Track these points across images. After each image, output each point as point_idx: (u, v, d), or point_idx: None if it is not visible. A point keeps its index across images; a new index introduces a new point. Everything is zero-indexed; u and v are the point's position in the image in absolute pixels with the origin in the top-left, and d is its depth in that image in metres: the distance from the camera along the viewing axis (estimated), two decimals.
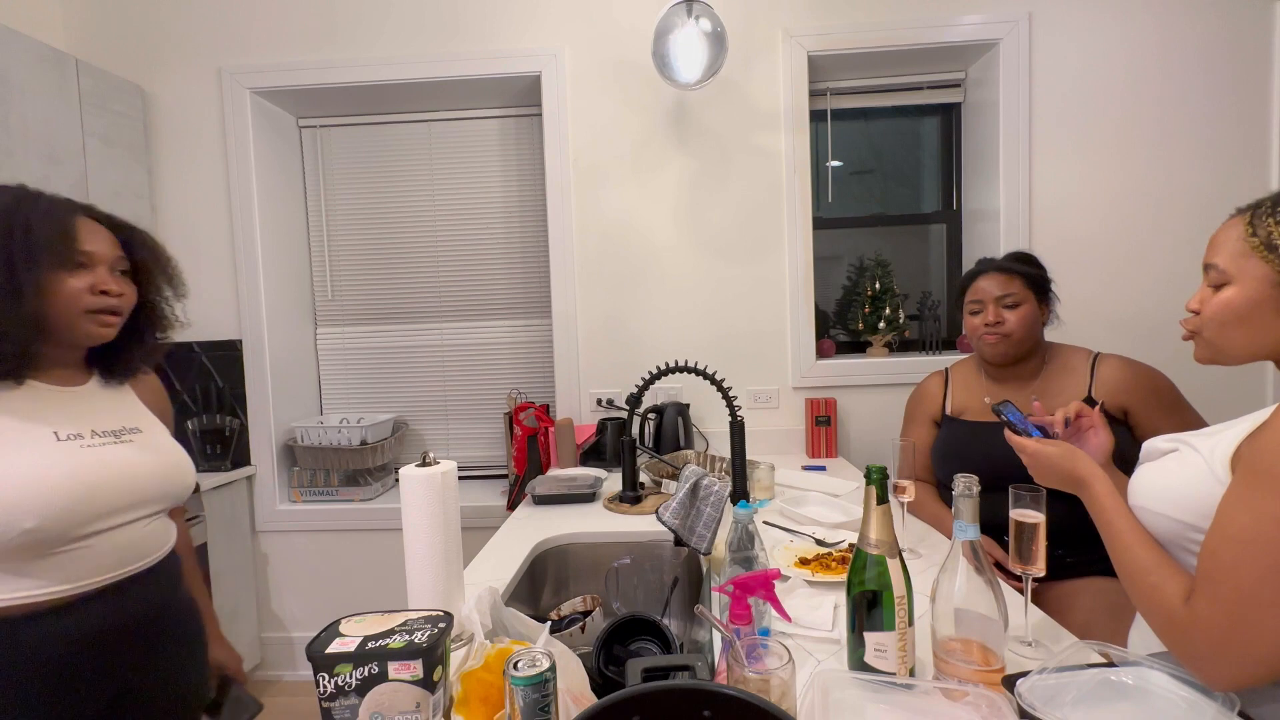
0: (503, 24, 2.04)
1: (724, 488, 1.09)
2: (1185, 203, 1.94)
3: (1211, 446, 0.71)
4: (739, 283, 2.06)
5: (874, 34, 1.96)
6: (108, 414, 0.90)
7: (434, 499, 0.84)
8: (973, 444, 1.34)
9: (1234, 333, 0.74)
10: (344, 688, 0.57)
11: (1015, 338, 1.30)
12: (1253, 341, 0.73)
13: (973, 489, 0.70)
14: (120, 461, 0.87)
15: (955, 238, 2.24)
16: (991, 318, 1.31)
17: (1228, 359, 0.76)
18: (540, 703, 0.54)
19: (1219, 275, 0.76)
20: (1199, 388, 1.25)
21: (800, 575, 1.01)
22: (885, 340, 2.16)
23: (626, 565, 1.11)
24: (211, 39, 2.07)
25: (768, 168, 2.03)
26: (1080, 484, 0.84)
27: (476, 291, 2.31)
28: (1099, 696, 0.64)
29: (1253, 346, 0.73)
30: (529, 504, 1.54)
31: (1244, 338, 0.73)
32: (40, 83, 1.70)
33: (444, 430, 2.36)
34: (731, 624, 0.68)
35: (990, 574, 0.69)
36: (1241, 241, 0.74)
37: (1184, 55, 1.91)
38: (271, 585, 2.21)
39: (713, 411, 2.07)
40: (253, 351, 2.12)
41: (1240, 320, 0.73)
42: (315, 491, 2.17)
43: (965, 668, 0.68)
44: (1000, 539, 1.19)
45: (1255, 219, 0.74)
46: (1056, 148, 1.96)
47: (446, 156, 2.28)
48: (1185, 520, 0.71)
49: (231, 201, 2.09)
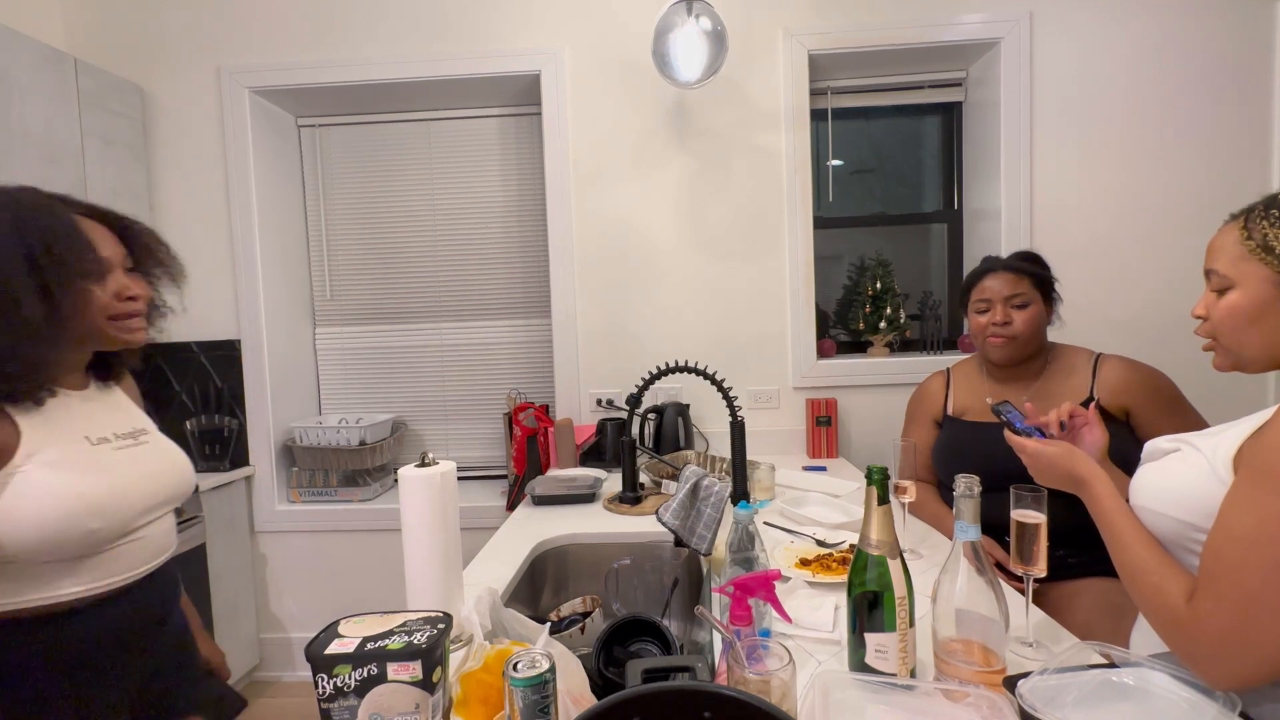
0: (502, 23, 2.03)
1: (724, 488, 1.09)
2: (1186, 202, 1.93)
3: (1214, 446, 0.71)
4: (739, 282, 2.06)
5: (875, 33, 1.96)
6: (117, 417, 0.92)
7: (433, 499, 0.84)
8: (974, 444, 1.34)
9: (1247, 335, 0.74)
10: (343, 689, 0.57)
11: (1022, 339, 1.30)
12: (1266, 342, 0.73)
13: (974, 489, 0.70)
14: (143, 462, 0.90)
15: (956, 237, 2.24)
16: (1000, 317, 1.30)
17: (1248, 364, 0.76)
18: (540, 704, 0.54)
19: (1221, 280, 0.77)
20: (1200, 389, 1.25)
21: (801, 576, 1.01)
22: (886, 340, 2.16)
23: (626, 566, 1.11)
24: (211, 39, 2.07)
25: (768, 167, 2.03)
26: (1081, 484, 0.84)
27: (476, 291, 2.31)
28: (1100, 697, 0.63)
29: (1268, 347, 0.73)
30: (528, 504, 1.54)
31: (1258, 338, 0.73)
32: (40, 83, 1.70)
33: (443, 430, 2.36)
34: (732, 625, 0.67)
35: (991, 575, 0.69)
36: (1239, 245, 0.75)
37: (1184, 55, 1.91)
38: (270, 586, 2.21)
39: (713, 412, 2.07)
40: (251, 352, 2.12)
41: (1250, 322, 0.73)
42: (314, 492, 2.17)
43: (966, 668, 0.68)
44: (1001, 539, 1.19)
45: (1250, 223, 0.75)
46: (1057, 147, 1.96)
47: (446, 156, 2.27)
48: (1187, 520, 0.71)
49: (230, 201, 2.09)
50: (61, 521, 0.76)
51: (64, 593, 0.79)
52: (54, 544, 0.76)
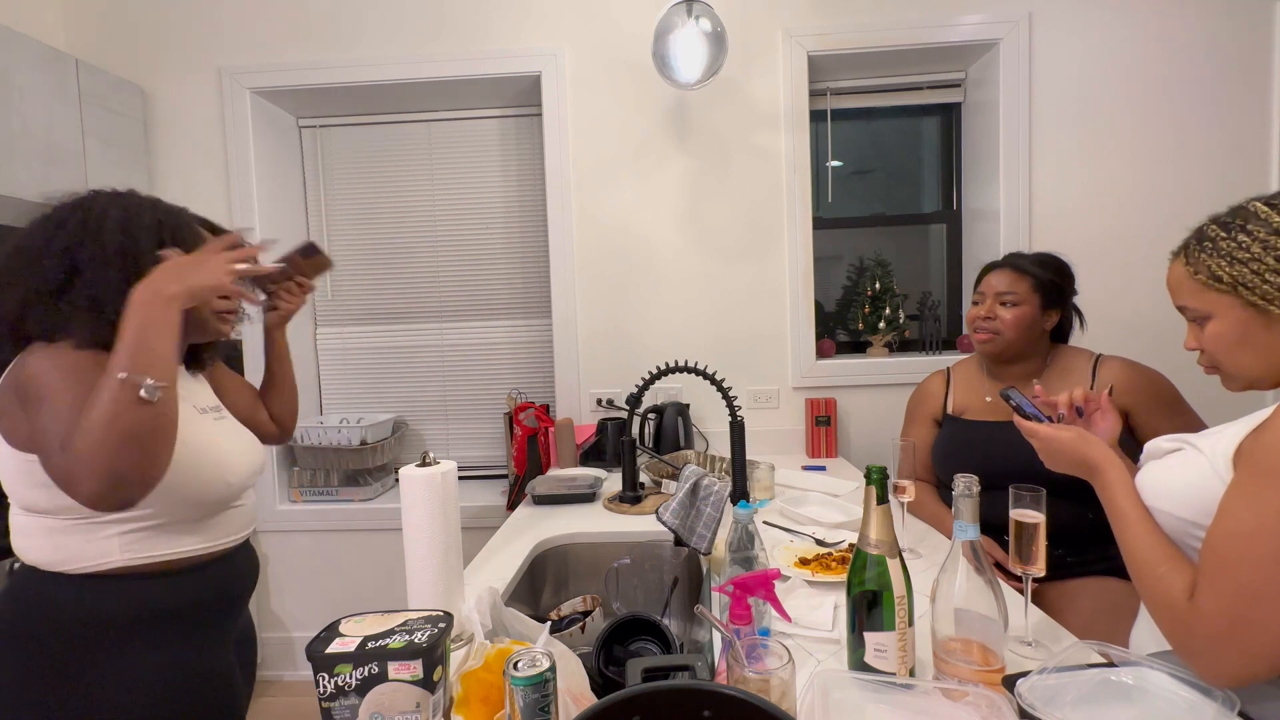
0: (503, 24, 2.03)
1: (724, 488, 1.09)
2: (1185, 203, 1.93)
3: (1214, 445, 0.72)
4: (739, 282, 2.06)
5: (874, 34, 1.96)
6: (201, 393, 1.02)
7: (434, 499, 0.84)
8: (973, 443, 1.34)
9: (1242, 358, 0.74)
10: (344, 688, 0.57)
11: (1005, 337, 1.30)
12: (1263, 359, 0.73)
13: (973, 489, 0.70)
14: (236, 432, 1.01)
15: (955, 238, 2.24)
16: (985, 312, 1.32)
17: (1257, 382, 0.75)
18: (540, 703, 0.54)
19: (1194, 313, 0.78)
20: (1200, 390, 1.24)
21: (800, 575, 1.01)
22: (885, 340, 2.16)
23: (626, 565, 1.11)
24: (211, 39, 2.07)
25: (768, 168, 2.03)
26: (1094, 469, 0.82)
27: (476, 291, 2.31)
28: (1099, 697, 0.64)
29: (1268, 364, 0.73)
30: (529, 504, 1.54)
31: (1254, 358, 0.74)
32: (40, 83, 1.70)
33: (444, 430, 2.36)
34: (731, 624, 0.68)
35: (990, 574, 0.69)
36: (1191, 280, 0.76)
37: (1184, 55, 1.91)
38: (271, 585, 2.21)
39: (713, 411, 2.07)
40: (253, 352, 2.12)
41: (1239, 345, 0.74)
42: (315, 491, 2.17)
43: (965, 668, 0.68)
44: (1000, 539, 1.19)
45: (1190, 260, 0.77)
46: (1056, 148, 1.96)
47: (446, 156, 2.28)
48: (1188, 517, 0.71)
49: (231, 201, 2.09)
50: (211, 470, 0.89)
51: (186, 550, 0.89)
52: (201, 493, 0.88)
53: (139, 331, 0.74)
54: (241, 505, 0.99)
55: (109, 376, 0.71)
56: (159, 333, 0.75)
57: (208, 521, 0.92)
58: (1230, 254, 0.72)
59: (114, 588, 0.84)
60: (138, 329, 0.74)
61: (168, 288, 0.77)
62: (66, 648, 0.81)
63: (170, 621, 0.88)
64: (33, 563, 0.84)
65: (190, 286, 0.79)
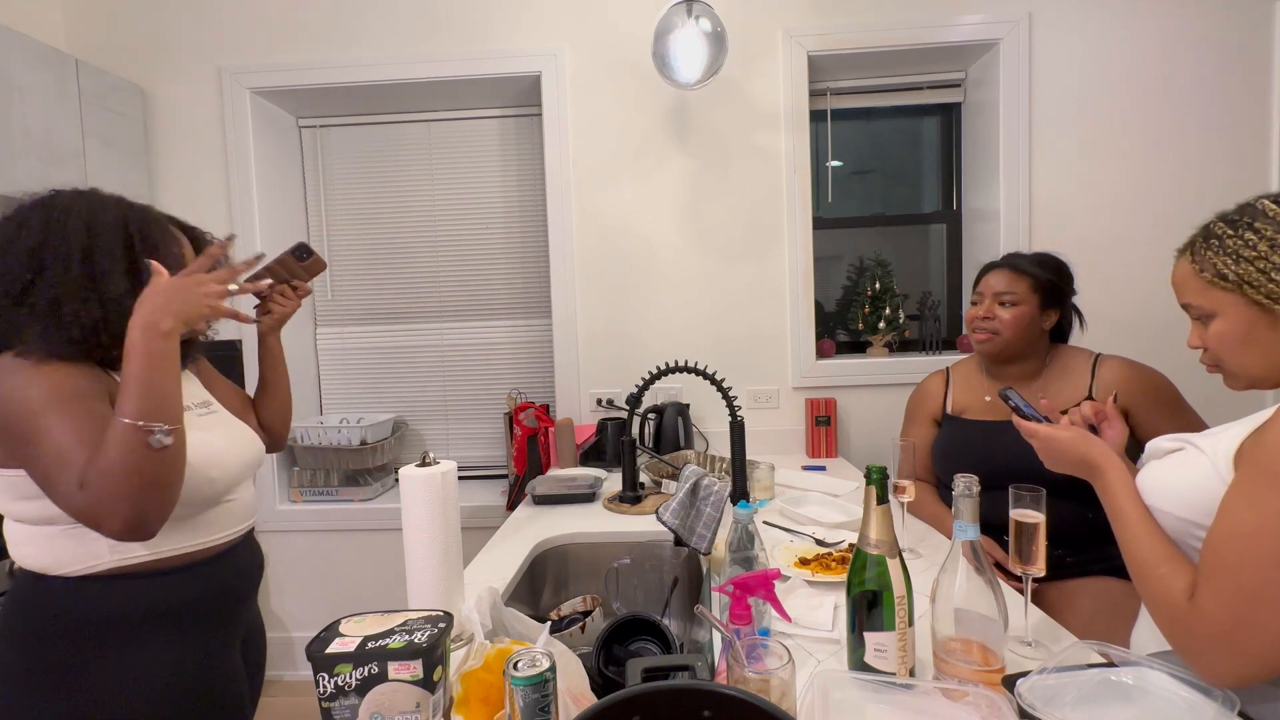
0: (502, 24, 2.03)
1: (724, 488, 1.09)
2: (1185, 203, 1.93)
3: (1215, 445, 0.71)
4: (739, 282, 2.06)
5: (874, 34, 1.96)
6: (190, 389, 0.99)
7: (434, 499, 0.84)
8: (973, 443, 1.34)
9: (1246, 357, 0.74)
10: (344, 688, 0.57)
11: (1004, 337, 1.30)
12: (1267, 358, 0.73)
13: (973, 489, 0.70)
14: (227, 426, 1.00)
15: (955, 238, 2.24)
16: (983, 312, 1.32)
17: (1259, 381, 0.75)
18: (540, 703, 0.54)
19: (1199, 310, 0.77)
20: (1200, 390, 1.24)
21: (800, 575, 1.01)
22: (885, 340, 2.16)
23: (626, 565, 1.11)
24: (211, 39, 2.07)
25: (768, 168, 2.03)
26: (1094, 469, 0.82)
27: (476, 292, 2.31)
28: (1099, 697, 0.63)
29: (1271, 363, 0.73)
30: (529, 504, 1.54)
31: (1258, 357, 0.73)
32: (40, 83, 1.70)
33: (444, 430, 2.36)
34: (731, 624, 0.68)
35: (990, 574, 0.69)
36: (1196, 279, 0.76)
37: (1184, 55, 1.91)
38: (271, 585, 2.21)
39: (713, 411, 2.07)
40: (253, 352, 2.12)
41: (1243, 344, 0.73)
42: (315, 492, 2.17)
43: (965, 668, 0.68)
44: (1000, 539, 1.19)
45: (1196, 258, 0.76)
46: (1056, 148, 1.96)
47: (446, 156, 2.28)
48: (1188, 517, 0.71)
49: (231, 201, 2.09)
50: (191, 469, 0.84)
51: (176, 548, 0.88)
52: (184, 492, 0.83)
53: (144, 375, 0.75)
54: (234, 500, 0.97)
55: (120, 420, 0.73)
56: (163, 373, 0.77)
57: (196, 519, 0.90)
58: (1237, 252, 0.72)
59: (108, 588, 0.84)
60: (142, 373, 0.75)
61: (163, 323, 0.77)
62: (67, 648, 0.82)
63: (170, 620, 0.87)
64: (29, 567, 0.84)
65: (183, 317, 0.79)
